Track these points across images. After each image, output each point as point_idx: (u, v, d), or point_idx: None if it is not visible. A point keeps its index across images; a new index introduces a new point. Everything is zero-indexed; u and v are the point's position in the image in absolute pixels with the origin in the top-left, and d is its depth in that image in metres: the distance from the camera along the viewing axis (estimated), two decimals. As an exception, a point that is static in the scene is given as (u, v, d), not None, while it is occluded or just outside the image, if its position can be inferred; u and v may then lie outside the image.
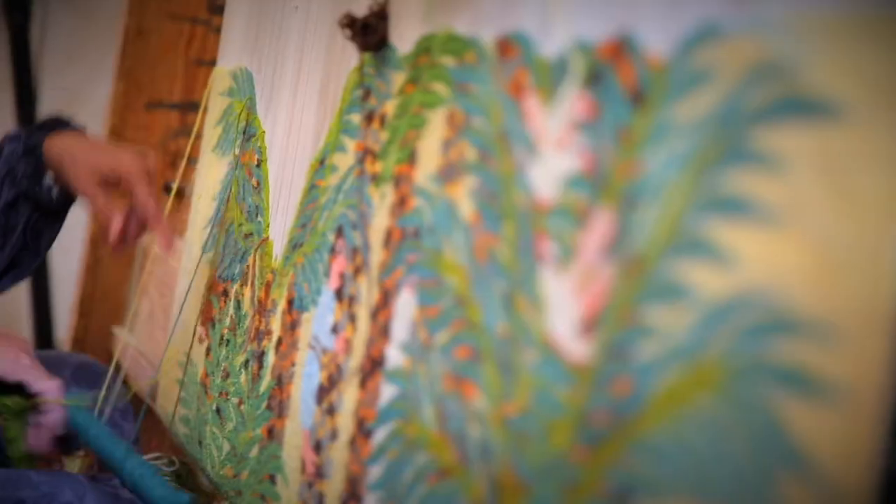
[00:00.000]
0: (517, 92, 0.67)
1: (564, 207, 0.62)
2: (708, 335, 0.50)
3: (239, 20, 1.28)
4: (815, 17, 0.47)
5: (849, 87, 0.45)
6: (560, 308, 0.61)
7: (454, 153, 0.74)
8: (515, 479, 0.63)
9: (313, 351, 0.92)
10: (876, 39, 0.44)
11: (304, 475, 0.90)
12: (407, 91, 0.82)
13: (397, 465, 0.76)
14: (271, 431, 0.99)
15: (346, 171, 0.90)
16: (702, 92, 0.53)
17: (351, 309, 0.86)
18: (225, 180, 1.23)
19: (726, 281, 0.50)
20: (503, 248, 0.67)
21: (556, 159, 0.63)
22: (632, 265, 0.56)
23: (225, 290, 1.17)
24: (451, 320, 0.71)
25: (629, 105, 0.57)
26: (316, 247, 0.94)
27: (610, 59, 0.59)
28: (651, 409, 0.53)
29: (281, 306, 1.01)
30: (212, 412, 1.14)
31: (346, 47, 0.93)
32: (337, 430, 0.85)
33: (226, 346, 1.14)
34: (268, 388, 1.01)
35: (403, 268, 0.78)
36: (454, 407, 0.70)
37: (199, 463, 1.17)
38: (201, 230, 1.28)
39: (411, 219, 0.78)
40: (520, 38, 0.68)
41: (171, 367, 1.28)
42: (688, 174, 0.53)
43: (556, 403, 0.60)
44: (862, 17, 0.45)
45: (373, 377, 0.81)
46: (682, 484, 0.50)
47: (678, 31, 0.54)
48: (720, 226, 0.51)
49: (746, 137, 0.50)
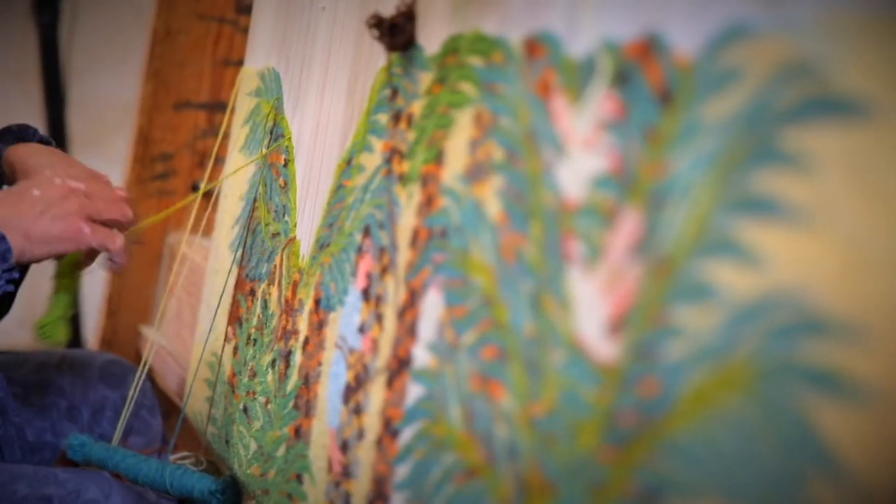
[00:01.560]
0: (545, 92, 0.67)
1: (592, 207, 0.62)
2: (736, 335, 0.50)
3: (266, 20, 1.28)
4: (844, 17, 0.47)
5: (878, 87, 0.45)
6: (587, 308, 0.61)
7: (481, 153, 0.74)
8: (543, 480, 0.63)
9: (340, 350, 0.92)
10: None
11: (331, 474, 0.90)
12: (434, 91, 0.82)
13: (424, 465, 0.76)
14: (298, 431, 0.99)
15: (374, 171, 0.91)
16: (730, 92, 0.52)
17: (378, 309, 0.86)
18: (252, 180, 1.23)
19: (754, 281, 0.49)
20: (530, 248, 0.67)
21: (583, 159, 0.63)
22: (659, 265, 0.56)
23: (252, 289, 1.18)
24: (478, 320, 0.71)
25: (657, 105, 0.57)
26: (343, 246, 0.95)
27: (637, 58, 0.59)
28: (679, 409, 0.53)
29: (308, 306, 1.01)
30: (239, 411, 1.15)
31: (373, 47, 0.93)
32: (364, 430, 0.85)
33: (253, 345, 1.15)
34: (295, 387, 1.01)
35: (430, 267, 0.78)
36: (481, 407, 0.70)
37: (227, 462, 1.17)
38: (229, 230, 1.28)
39: (438, 219, 0.78)
40: (547, 38, 0.68)
41: (201, 366, 1.29)
42: (715, 174, 0.53)
43: (583, 404, 0.60)
44: (891, 16, 0.45)
45: (399, 377, 0.81)
46: (710, 485, 0.50)
47: (706, 31, 0.54)
48: (748, 226, 0.50)
49: (775, 137, 0.49)
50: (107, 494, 1.01)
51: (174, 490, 1.11)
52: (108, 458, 1.16)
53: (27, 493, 0.99)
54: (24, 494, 0.99)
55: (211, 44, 2.03)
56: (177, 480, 1.11)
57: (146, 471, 1.12)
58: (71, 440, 1.19)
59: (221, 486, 1.09)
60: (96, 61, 2.72)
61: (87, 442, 1.19)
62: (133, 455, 1.15)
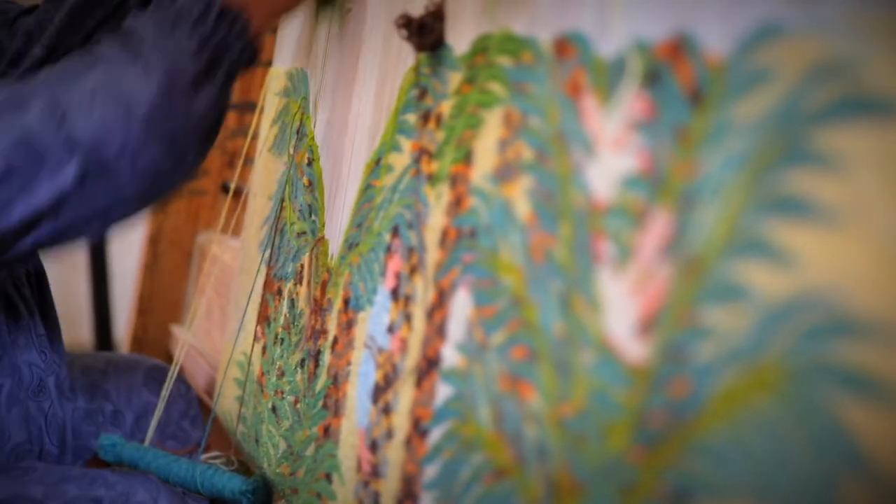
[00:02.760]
0: (574, 92, 0.67)
1: (622, 207, 0.61)
2: (767, 336, 0.50)
3: (294, 21, 1.28)
4: (876, 17, 0.47)
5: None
6: (617, 308, 0.61)
7: (511, 153, 0.74)
8: (572, 480, 0.62)
9: (369, 350, 0.92)
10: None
11: (360, 474, 0.91)
12: (463, 91, 0.82)
13: (453, 465, 0.76)
14: (327, 430, 0.99)
15: (402, 171, 0.91)
16: (761, 91, 0.52)
17: (407, 308, 0.86)
18: (281, 180, 1.24)
19: (786, 282, 0.49)
20: (560, 249, 0.67)
21: (613, 159, 0.63)
22: (690, 265, 0.55)
23: (279, 288, 1.18)
24: (507, 320, 0.71)
25: (687, 105, 0.57)
26: (372, 246, 0.95)
27: (668, 58, 0.59)
28: (709, 410, 0.52)
29: (337, 305, 1.02)
30: (268, 410, 1.15)
31: (402, 47, 0.93)
32: (392, 430, 0.85)
33: (280, 344, 1.15)
34: (324, 386, 1.02)
35: (459, 267, 0.78)
36: (510, 407, 0.70)
37: (256, 461, 1.18)
38: (257, 230, 1.29)
39: (467, 218, 0.78)
40: (577, 37, 0.68)
41: (231, 366, 1.29)
42: (747, 174, 0.52)
43: (613, 404, 0.60)
44: (925, 15, 0.45)
45: (429, 377, 0.81)
46: (741, 486, 0.50)
47: (737, 31, 0.54)
48: (779, 226, 0.50)
49: (807, 137, 0.49)
50: (154, 497, 1.02)
51: (205, 490, 1.12)
52: (139, 458, 1.17)
53: (77, 495, 1.00)
54: (73, 495, 1.00)
55: (241, 44, 2.03)
56: (207, 480, 1.11)
57: (177, 471, 1.13)
58: (102, 440, 1.20)
59: (251, 485, 1.09)
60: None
61: (118, 442, 1.19)
62: (164, 455, 1.16)
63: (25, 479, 1.00)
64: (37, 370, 1.14)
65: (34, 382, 1.13)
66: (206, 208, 2.07)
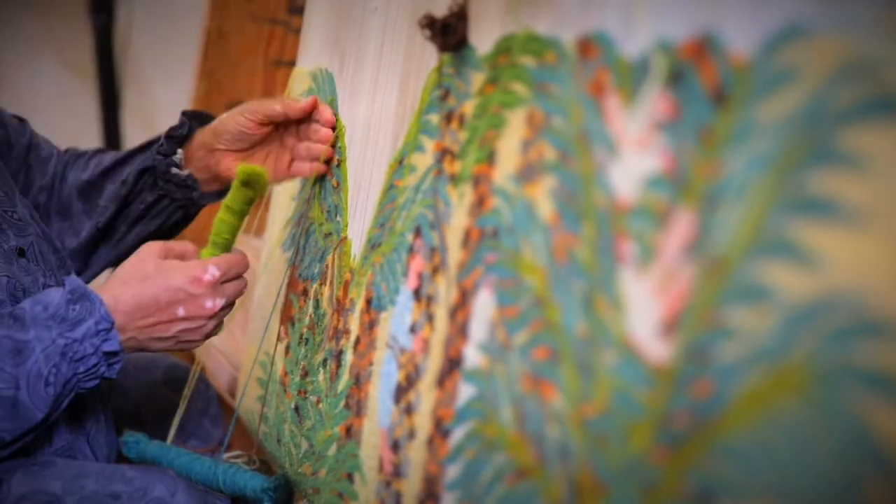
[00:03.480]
0: (598, 92, 0.67)
1: (645, 208, 0.61)
2: (792, 337, 0.49)
3: (318, 21, 1.28)
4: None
5: (938, 87, 0.44)
6: (640, 309, 0.61)
7: (533, 153, 0.74)
8: (594, 480, 0.62)
9: (391, 350, 0.92)
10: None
11: (382, 474, 0.91)
12: (486, 91, 0.82)
13: (475, 465, 0.76)
14: (349, 430, 0.99)
15: (425, 171, 0.91)
16: (786, 92, 0.52)
17: (429, 308, 0.86)
18: (304, 181, 1.24)
19: (810, 282, 0.49)
20: (583, 249, 0.67)
21: (636, 159, 0.63)
22: (713, 266, 0.55)
23: (304, 289, 1.18)
24: (529, 321, 0.71)
25: (711, 105, 0.57)
26: (394, 246, 0.95)
27: (692, 58, 0.59)
28: (733, 411, 0.52)
29: (359, 305, 1.02)
30: (290, 410, 1.15)
31: (425, 48, 0.93)
32: (415, 430, 0.85)
33: (304, 344, 1.15)
34: (346, 386, 1.02)
35: (482, 268, 0.78)
36: (533, 407, 0.70)
37: (278, 460, 1.18)
38: (281, 230, 1.29)
39: (490, 219, 0.78)
40: (601, 38, 0.68)
41: (254, 365, 1.29)
42: (771, 174, 0.52)
43: (635, 405, 0.60)
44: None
45: (451, 377, 0.81)
46: (765, 487, 0.50)
47: (762, 31, 0.54)
48: (804, 227, 0.50)
49: (832, 137, 0.49)
50: (172, 492, 1.02)
51: (227, 488, 1.12)
52: (161, 455, 1.17)
53: (95, 490, 1.00)
54: (92, 490, 1.00)
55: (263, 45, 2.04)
56: (229, 479, 1.12)
57: (199, 469, 1.13)
58: (126, 437, 1.20)
59: (273, 484, 1.10)
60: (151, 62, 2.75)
61: (141, 440, 1.20)
62: (186, 453, 1.17)
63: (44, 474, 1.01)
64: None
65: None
66: (229, 208, 2.07)
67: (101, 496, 1.00)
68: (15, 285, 1.07)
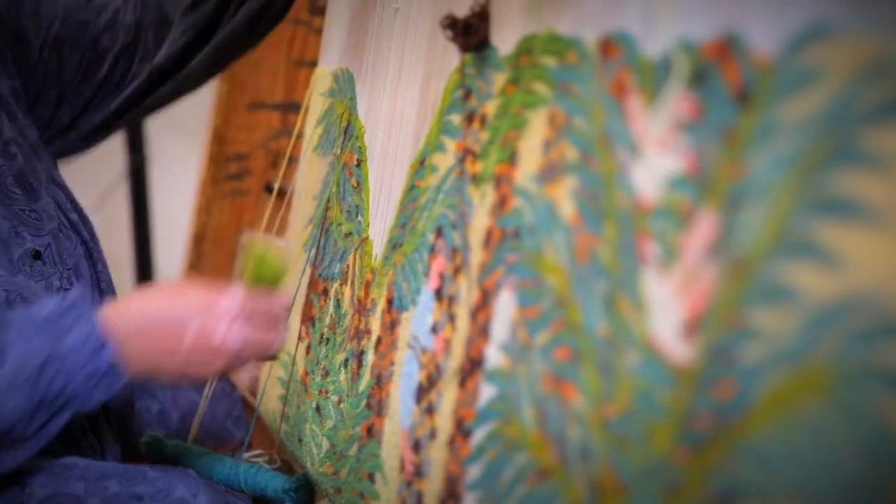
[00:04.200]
0: (620, 92, 0.67)
1: (667, 208, 0.61)
2: (815, 338, 0.49)
3: (340, 21, 1.29)
4: (928, 15, 0.46)
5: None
6: (662, 309, 0.61)
7: (555, 153, 0.74)
8: (616, 481, 0.62)
9: (412, 350, 0.92)
10: None
11: (403, 474, 0.91)
12: (508, 91, 0.81)
13: (496, 466, 0.76)
14: (370, 430, 0.99)
15: (447, 172, 0.91)
16: (810, 91, 0.52)
17: (450, 309, 0.86)
18: (325, 180, 1.24)
19: (834, 283, 0.49)
20: (604, 249, 0.66)
21: (658, 160, 0.63)
22: (736, 267, 0.55)
23: (325, 288, 1.18)
24: (551, 321, 0.71)
25: (734, 105, 0.57)
26: (415, 246, 0.95)
27: (715, 58, 0.59)
28: (756, 412, 0.52)
29: (380, 305, 1.02)
30: (311, 410, 1.16)
31: (447, 48, 0.93)
32: (436, 430, 0.85)
33: (325, 344, 1.15)
34: (367, 386, 1.02)
35: (503, 268, 0.78)
36: (554, 408, 0.70)
37: (299, 460, 1.18)
38: (302, 229, 1.29)
39: (511, 219, 0.78)
40: (623, 37, 0.68)
41: (275, 365, 1.30)
42: (795, 175, 0.52)
43: (657, 406, 0.59)
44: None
45: (472, 377, 0.81)
46: (788, 489, 0.49)
47: (786, 30, 0.54)
48: (828, 227, 0.50)
49: (856, 137, 0.49)
50: (195, 493, 1.02)
51: (248, 488, 1.12)
52: (182, 455, 1.17)
53: (118, 491, 1.00)
54: (114, 492, 1.00)
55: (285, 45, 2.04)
56: (250, 479, 1.12)
57: (220, 469, 1.14)
58: (147, 438, 1.21)
59: (294, 484, 1.10)
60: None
61: (162, 439, 1.20)
62: (207, 453, 1.17)
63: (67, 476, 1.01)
64: None
65: None
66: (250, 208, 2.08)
67: (123, 497, 1.00)
68: (14, 297, 1.04)
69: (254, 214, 2.08)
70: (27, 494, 0.98)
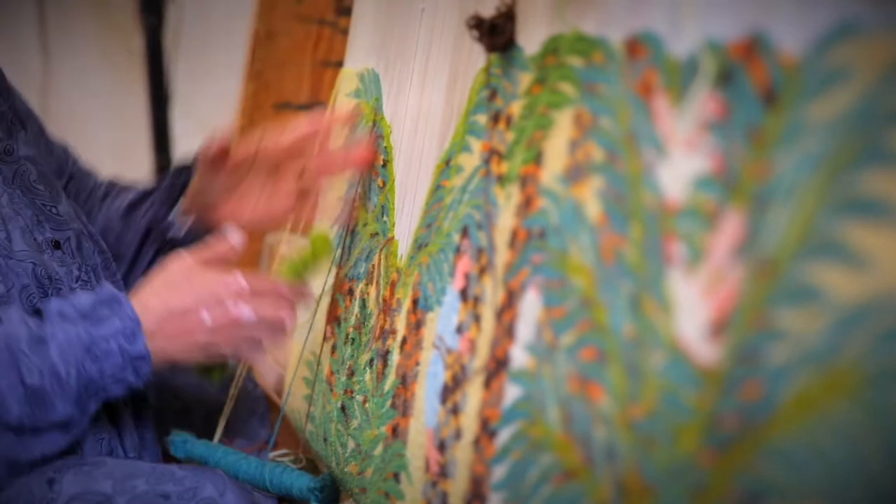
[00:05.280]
0: (646, 92, 0.67)
1: (693, 208, 0.61)
2: (842, 339, 0.49)
3: (366, 22, 1.29)
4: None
5: None
6: (688, 310, 0.60)
7: (581, 153, 0.74)
8: (642, 482, 0.62)
9: (438, 350, 0.92)
10: None
11: (428, 474, 0.91)
12: (534, 91, 0.81)
13: (522, 466, 0.76)
14: (395, 430, 0.99)
15: (472, 172, 0.91)
16: (837, 91, 0.52)
17: (476, 309, 0.86)
18: (351, 180, 1.24)
19: (861, 284, 0.49)
20: (630, 250, 0.66)
21: (685, 160, 0.62)
22: (763, 267, 0.55)
23: (350, 288, 1.18)
24: (576, 321, 0.71)
25: (761, 105, 0.57)
26: (441, 247, 0.95)
27: (741, 58, 0.59)
28: (782, 413, 0.52)
29: (406, 306, 1.02)
30: (337, 410, 1.16)
31: (472, 48, 0.93)
32: (461, 430, 0.85)
33: (351, 344, 1.15)
34: (392, 386, 1.02)
35: (529, 268, 0.78)
36: (580, 408, 0.70)
37: (324, 460, 1.18)
38: (327, 229, 1.30)
39: (537, 219, 0.78)
40: (649, 37, 0.67)
41: (300, 365, 1.30)
42: (822, 175, 0.52)
43: (683, 406, 0.59)
44: None
45: (497, 377, 0.81)
46: (815, 491, 0.49)
47: (813, 30, 0.53)
48: (855, 227, 0.50)
49: (883, 137, 0.48)
50: (222, 492, 1.03)
51: (273, 488, 1.13)
52: (209, 454, 1.18)
53: (146, 490, 1.01)
54: (142, 490, 1.01)
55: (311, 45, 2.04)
56: (276, 478, 1.12)
57: (246, 468, 1.14)
58: (173, 437, 1.21)
59: (319, 483, 1.10)
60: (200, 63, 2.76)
61: (189, 438, 1.21)
62: (233, 452, 1.17)
63: (95, 474, 1.02)
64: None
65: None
66: (276, 208, 2.08)
67: (151, 496, 1.01)
68: (41, 272, 1.09)
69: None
70: (55, 492, 0.99)
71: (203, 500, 1.02)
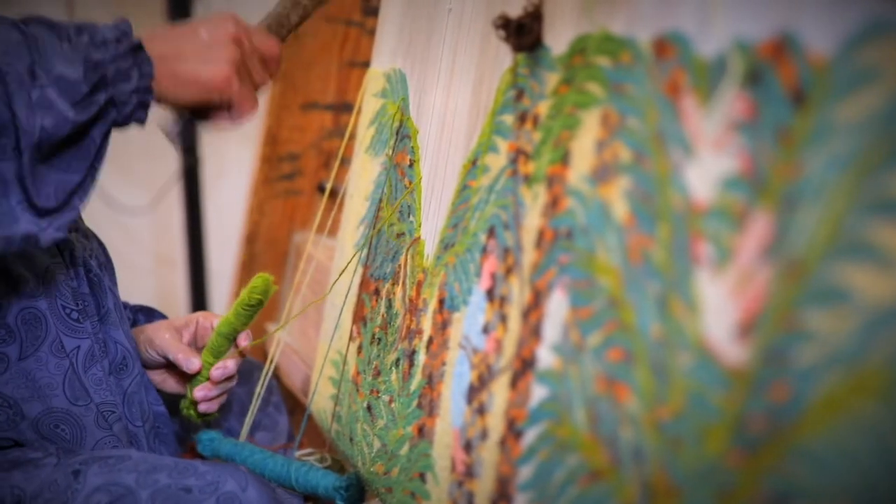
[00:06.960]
0: (673, 92, 0.67)
1: (721, 209, 0.61)
2: (871, 340, 0.49)
3: (392, 22, 1.29)
4: None
5: None
6: (716, 311, 0.60)
7: (608, 154, 0.73)
8: (668, 483, 0.62)
9: (464, 350, 0.93)
10: None
11: (454, 474, 0.91)
12: (561, 91, 0.81)
13: (548, 467, 0.76)
14: (422, 430, 1.00)
15: (499, 172, 0.91)
16: (866, 91, 0.51)
17: (502, 309, 0.86)
18: (377, 180, 1.24)
19: (890, 285, 0.48)
20: (657, 250, 0.66)
21: (712, 160, 0.62)
22: (791, 268, 0.55)
23: (377, 288, 1.19)
24: (603, 322, 0.71)
25: (789, 105, 0.56)
26: (467, 247, 0.95)
27: (770, 58, 0.58)
28: (810, 414, 0.52)
29: (432, 306, 1.02)
30: (363, 409, 1.16)
31: (499, 48, 0.93)
32: (487, 430, 0.85)
33: (377, 344, 1.16)
34: (418, 386, 1.02)
35: (555, 268, 0.78)
36: (606, 409, 0.69)
37: (350, 459, 1.18)
38: (354, 230, 1.30)
39: (564, 219, 0.78)
40: (677, 37, 0.67)
41: (326, 364, 1.30)
42: (850, 175, 0.52)
43: (711, 407, 0.59)
44: None
45: (524, 378, 0.81)
46: (843, 492, 0.49)
47: (842, 30, 0.53)
48: (884, 228, 0.49)
49: (913, 138, 0.48)
50: (243, 487, 1.04)
51: (299, 486, 1.13)
52: (236, 453, 1.19)
53: (168, 483, 1.02)
54: (165, 484, 1.02)
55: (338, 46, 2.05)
56: (302, 477, 1.13)
57: (272, 467, 1.15)
58: (200, 435, 1.22)
59: (345, 483, 1.11)
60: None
61: (216, 437, 1.22)
62: (260, 451, 1.18)
63: (119, 467, 1.03)
64: (121, 348, 1.17)
65: (118, 358, 1.16)
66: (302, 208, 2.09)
67: (173, 490, 1.01)
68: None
69: (306, 214, 2.09)
70: (80, 482, 1.00)
71: (224, 494, 1.02)
